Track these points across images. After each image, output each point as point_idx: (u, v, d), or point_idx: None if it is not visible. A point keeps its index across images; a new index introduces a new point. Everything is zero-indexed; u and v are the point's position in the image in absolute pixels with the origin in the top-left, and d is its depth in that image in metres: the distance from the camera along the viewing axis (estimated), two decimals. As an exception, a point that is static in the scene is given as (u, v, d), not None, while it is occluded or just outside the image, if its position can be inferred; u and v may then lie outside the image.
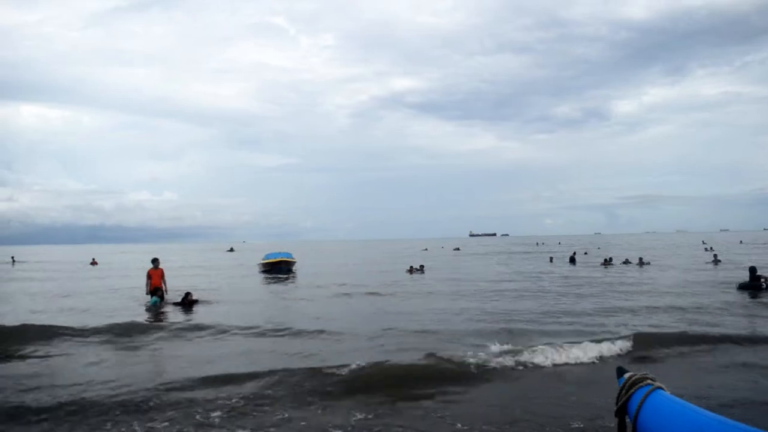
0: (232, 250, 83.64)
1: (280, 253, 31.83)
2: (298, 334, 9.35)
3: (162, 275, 15.16)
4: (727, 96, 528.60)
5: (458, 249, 69.24)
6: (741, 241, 67.92)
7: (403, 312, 12.16)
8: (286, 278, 23.86)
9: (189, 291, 15.20)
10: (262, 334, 9.38)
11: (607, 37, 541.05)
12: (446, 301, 14.20)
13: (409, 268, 28.55)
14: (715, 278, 19.39)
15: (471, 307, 12.97)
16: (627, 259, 30.31)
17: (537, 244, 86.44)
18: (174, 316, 12.23)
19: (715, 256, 30.51)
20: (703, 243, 66.69)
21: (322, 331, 9.46)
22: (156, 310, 13.79)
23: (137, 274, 23.10)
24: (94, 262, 42.22)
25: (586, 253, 42.25)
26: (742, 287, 15.67)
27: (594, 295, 14.98)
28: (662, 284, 17.83)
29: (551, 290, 16.70)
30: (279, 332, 9.46)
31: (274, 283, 21.77)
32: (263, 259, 30.96)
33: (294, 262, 30.11)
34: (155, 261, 15.42)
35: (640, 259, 29.40)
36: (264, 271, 29.13)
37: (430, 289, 17.52)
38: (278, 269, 28.32)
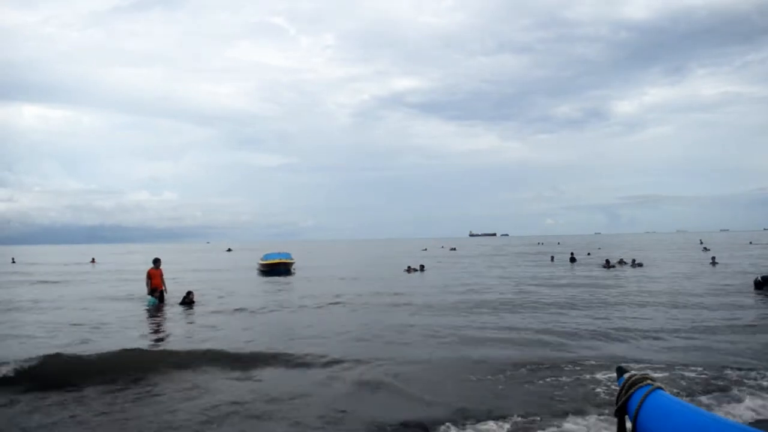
0: (230, 250, 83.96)
1: (278, 253, 31.81)
2: (297, 365, 7.73)
3: (161, 275, 15.27)
4: (727, 96, 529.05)
5: (454, 249, 68.99)
6: (750, 242, 66.87)
7: (405, 329, 10.49)
8: (284, 282, 23.22)
9: (190, 290, 15.34)
10: (259, 363, 7.82)
11: (607, 37, 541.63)
12: (449, 313, 12.65)
13: (407, 267, 28.78)
14: (726, 281, 18.96)
15: (480, 322, 11.25)
16: (622, 259, 30.78)
17: (539, 243, 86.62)
18: (172, 329, 11.30)
19: (713, 258, 30.48)
20: (701, 243, 66.78)
21: (324, 360, 7.87)
22: (155, 311, 13.85)
23: (135, 277, 22.84)
24: (93, 261, 44.21)
25: (589, 254, 42.64)
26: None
27: (616, 306, 13.37)
28: (681, 290, 16.51)
29: (563, 298, 15.15)
30: (276, 361, 7.90)
31: (272, 287, 20.98)
32: (262, 260, 31.02)
33: (293, 263, 30.09)
34: (156, 261, 15.48)
35: (633, 260, 29.71)
36: (263, 272, 29.19)
37: (432, 297, 15.91)
38: (277, 271, 28.31)
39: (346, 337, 9.88)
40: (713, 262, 28.90)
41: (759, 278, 16.28)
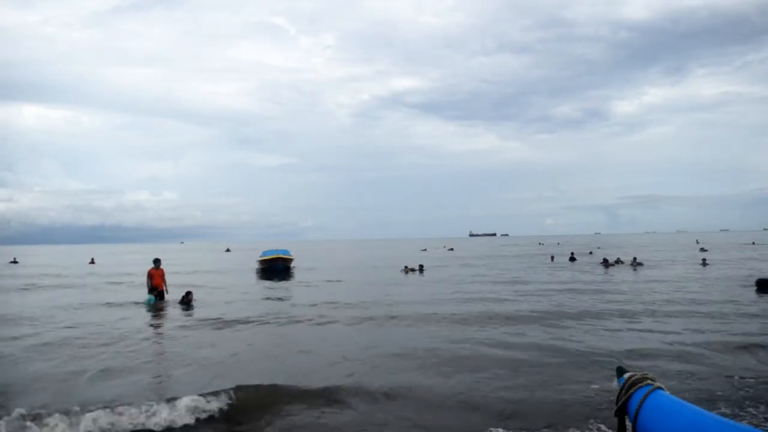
0: (228, 250, 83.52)
1: (277, 250, 32.37)
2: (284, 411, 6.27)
3: (162, 275, 15.45)
4: (727, 96, 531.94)
5: (452, 249, 68.76)
6: (754, 242, 66.44)
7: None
8: (281, 288, 21.53)
9: (189, 290, 15.46)
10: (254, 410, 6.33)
11: (607, 37, 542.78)
12: (446, 327, 11.42)
13: (404, 268, 28.79)
14: (723, 284, 18.68)
15: (480, 337, 10.08)
16: (619, 258, 31.08)
17: (539, 244, 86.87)
18: (167, 350, 9.80)
19: (703, 260, 30.61)
20: (697, 242, 67.13)
21: (313, 398, 6.63)
22: (154, 313, 13.84)
23: (134, 280, 22.61)
24: (92, 262, 44.16)
25: (591, 253, 43.27)
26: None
27: (617, 315, 12.40)
28: (682, 298, 15.29)
29: (561, 305, 14.25)
30: (263, 404, 6.43)
31: (268, 293, 19.50)
32: (260, 257, 31.49)
33: (291, 260, 30.67)
34: (157, 261, 15.67)
35: (634, 259, 29.93)
36: (262, 270, 29.55)
37: (429, 307, 14.45)
38: (275, 266, 28.98)
39: (339, 363, 8.34)
40: (704, 263, 28.95)
41: (756, 281, 16.73)
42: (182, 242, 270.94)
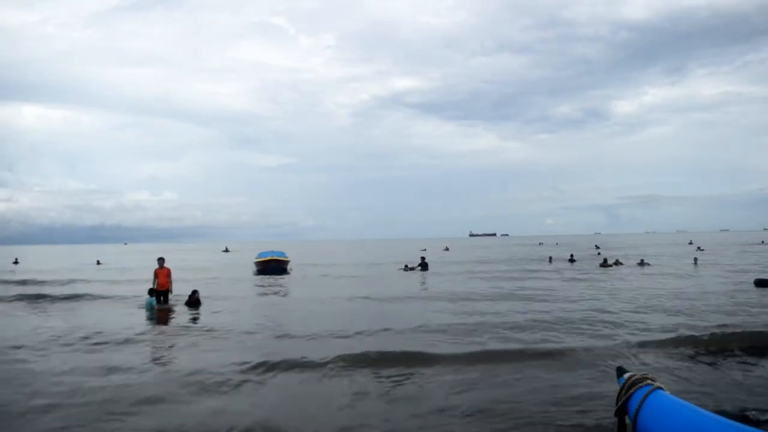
0: (227, 250, 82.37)
1: (272, 251, 32.53)
2: None
3: (168, 274, 15.29)
4: (727, 96, 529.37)
5: (447, 249, 68.55)
6: (762, 242, 66.26)
7: None
8: (274, 303, 17.65)
9: (196, 289, 15.39)
10: None
11: (607, 37, 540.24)
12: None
13: (404, 266, 28.71)
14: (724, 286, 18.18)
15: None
16: (617, 260, 30.99)
17: (539, 243, 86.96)
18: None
19: (695, 258, 30.83)
20: (691, 243, 67.37)
21: None
22: (154, 316, 13.18)
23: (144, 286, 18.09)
24: (98, 264, 44.13)
25: (599, 253, 43.45)
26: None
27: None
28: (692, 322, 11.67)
29: (555, 323, 11.47)
30: None
31: (260, 310, 15.78)
32: (256, 258, 31.72)
33: (287, 262, 30.68)
34: (161, 260, 15.54)
35: (641, 260, 30.03)
36: (258, 270, 29.73)
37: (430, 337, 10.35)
38: (271, 268, 29.12)
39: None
40: (695, 262, 29.11)
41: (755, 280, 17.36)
42: (125, 243, 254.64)
